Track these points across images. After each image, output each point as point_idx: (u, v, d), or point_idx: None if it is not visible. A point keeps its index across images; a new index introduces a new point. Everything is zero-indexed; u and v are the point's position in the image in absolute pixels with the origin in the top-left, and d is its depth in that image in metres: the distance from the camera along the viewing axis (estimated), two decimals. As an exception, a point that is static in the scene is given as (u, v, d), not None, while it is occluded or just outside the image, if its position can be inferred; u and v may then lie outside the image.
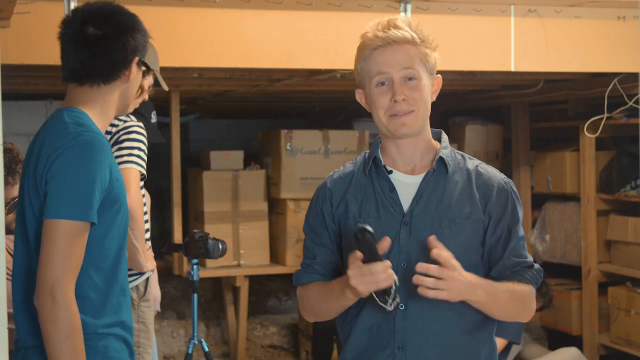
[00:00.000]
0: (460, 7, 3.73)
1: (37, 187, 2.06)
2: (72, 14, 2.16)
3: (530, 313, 2.08)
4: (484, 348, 2.05)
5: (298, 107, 7.31)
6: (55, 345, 1.98)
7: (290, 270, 5.62)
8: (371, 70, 2.03)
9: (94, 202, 2.02)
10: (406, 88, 2.00)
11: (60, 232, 1.99)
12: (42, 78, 4.48)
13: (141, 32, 2.22)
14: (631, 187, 5.02)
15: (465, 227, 2.01)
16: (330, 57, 3.69)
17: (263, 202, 5.60)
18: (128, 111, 2.92)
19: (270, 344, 6.14)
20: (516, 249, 2.04)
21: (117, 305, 2.14)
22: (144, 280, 3.17)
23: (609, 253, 5.28)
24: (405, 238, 2.00)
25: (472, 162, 2.10)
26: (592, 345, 5.21)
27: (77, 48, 2.13)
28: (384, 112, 2.02)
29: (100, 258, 2.10)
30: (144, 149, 3.08)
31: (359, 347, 2.05)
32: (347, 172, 2.13)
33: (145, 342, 3.14)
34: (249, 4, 3.50)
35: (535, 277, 2.04)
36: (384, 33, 2.02)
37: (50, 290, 1.97)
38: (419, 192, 2.02)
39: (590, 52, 4.04)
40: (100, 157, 2.05)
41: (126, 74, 2.18)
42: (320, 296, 2.07)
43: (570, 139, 5.66)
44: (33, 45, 3.28)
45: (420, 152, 2.07)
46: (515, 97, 5.58)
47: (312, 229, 2.13)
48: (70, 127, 2.07)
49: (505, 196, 2.04)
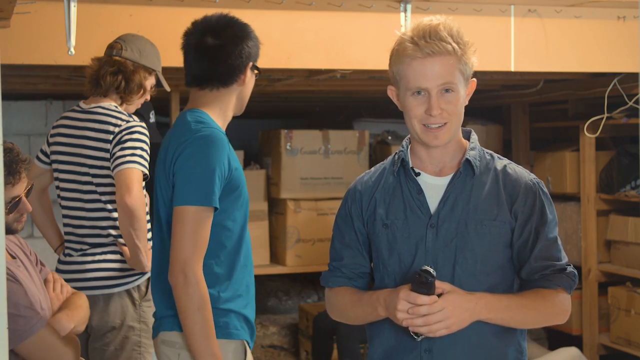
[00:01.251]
0: (460, 7, 3.72)
1: (167, 179, 2.35)
2: (192, 27, 2.45)
3: (559, 319, 2.03)
4: (511, 350, 2.03)
5: (298, 107, 7.31)
6: (188, 317, 2.27)
7: (290, 271, 5.62)
8: (408, 80, 1.98)
9: (215, 189, 2.29)
10: (442, 101, 1.97)
11: (188, 217, 2.27)
12: (42, 78, 4.47)
13: (253, 39, 2.47)
14: (631, 187, 5.02)
15: (491, 229, 1.99)
16: (330, 57, 3.69)
17: (263, 202, 5.60)
18: (233, 114, 2.94)
19: (270, 344, 6.14)
20: (545, 251, 2.00)
21: (240, 279, 2.42)
22: (145, 280, 3.18)
23: (609, 253, 5.28)
24: (431, 240, 1.99)
25: (501, 162, 2.07)
26: (592, 345, 5.21)
27: (198, 57, 2.42)
28: (418, 122, 1.99)
29: (224, 238, 2.38)
30: (147, 149, 3.08)
31: (386, 348, 2.05)
32: (377, 174, 2.13)
33: (147, 342, 3.15)
34: (249, 4, 3.50)
35: (567, 281, 2.00)
36: (424, 42, 1.95)
37: (182, 268, 2.25)
38: (446, 194, 2.01)
39: (590, 52, 4.04)
40: (218, 149, 2.33)
41: (242, 78, 2.45)
42: (350, 304, 2.08)
43: (570, 139, 5.66)
44: (33, 45, 3.28)
45: (449, 154, 2.06)
46: (515, 97, 5.58)
47: (340, 230, 2.14)
48: (192, 125, 2.36)
49: (533, 197, 2.01)
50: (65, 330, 2.48)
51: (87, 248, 3.15)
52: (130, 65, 3.17)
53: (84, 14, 3.24)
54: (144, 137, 3.09)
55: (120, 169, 3.00)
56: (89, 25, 3.28)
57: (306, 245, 5.57)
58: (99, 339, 3.11)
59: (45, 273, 2.64)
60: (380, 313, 1.97)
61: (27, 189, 2.47)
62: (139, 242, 3.01)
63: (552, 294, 1.99)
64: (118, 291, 3.11)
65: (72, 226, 3.18)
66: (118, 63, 3.16)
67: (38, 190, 3.26)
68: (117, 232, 3.12)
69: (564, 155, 5.45)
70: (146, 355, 3.15)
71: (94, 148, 3.11)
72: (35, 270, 2.56)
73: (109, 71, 3.15)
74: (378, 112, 6.52)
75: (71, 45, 3.21)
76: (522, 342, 2.07)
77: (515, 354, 2.04)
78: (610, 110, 4.80)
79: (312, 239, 5.58)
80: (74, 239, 3.18)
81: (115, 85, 3.16)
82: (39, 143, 5.36)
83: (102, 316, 3.09)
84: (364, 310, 2.03)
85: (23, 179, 2.43)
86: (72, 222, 3.18)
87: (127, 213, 2.95)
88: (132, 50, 3.19)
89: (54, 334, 2.41)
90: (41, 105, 5.71)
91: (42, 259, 2.66)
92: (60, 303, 2.58)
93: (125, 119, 3.11)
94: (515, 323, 2.00)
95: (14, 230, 2.49)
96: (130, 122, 3.10)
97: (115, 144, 3.05)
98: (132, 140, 3.05)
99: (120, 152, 3.02)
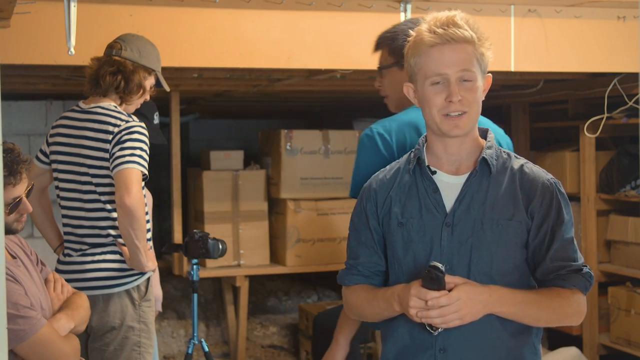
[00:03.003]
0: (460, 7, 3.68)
1: None
2: None
3: (574, 318, 2.02)
4: (526, 351, 2.02)
5: (298, 107, 7.31)
6: None
7: (290, 271, 5.62)
8: (427, 68, 1.99)
9: None
10: (462, 89, 1.97)
11: None
12: (42, 78, 4.47)
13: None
14: (631, 187, 5.02)
15: (507, 229, 1.98)
16: (330, 57, 3.69)
17: (263, 202, 5.60)
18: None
19: (270, 344, 6.14)
20: (561, 252, 1.99)
21: None
22: (145, 280, 3.17)
23: (609, 253, 5.28)
24: (447, 239, 1.99)
25: (518, 161, 2.06)
26: (592, 345, 5.21)
27: None
28: (438, 111, 1.99)
29: None
30: (146, 149, 3.08)
31: (401, 347, 2.05)
32: (392, 172, 2.12)
33: (147, 342, 3.14)
34: (249, 4, 3.50)
35: (582, 281, 1.99)
36: (442, 30, 1.97)
37: None
38: (462, 193, 2.01)
39: (590, 52, 4.03)
40: None
41: None
42: (366, 302, 2.08)
43: (570, 139, 5.66)
44: (33, 45, 3.28)
45: (466, 151, 2.05)
46: (515, 97, 5.58)
47: (356, 228, 2.13)
48: None
49: (549, 197, 2.00)
50: (65, 330, 2.48)
51: (87, 248, 3.15)
52: (129, 65, 3.17)
53: (84, 14, 3.24)
54: (143, 137, 3.08)
55: (120, 169, 2.99)
56: (89, 25, 3.28)
57: (306, 245, 5.57)
58: (98, 339, 3.10)
59: (46, 273, 2.64)
60: (396, 308, 1.98)
61: (27, 189, 2.47)
62: (138, 242, 3.01)
63: (567, 293, 1.98)
64: (117, 291, 3.11)
65: (72, 226, 3.18)
66: (118, 63, 3.16)
67: (38, 190, 3.25)
68: (116, 232, 3.11)
69: (564, 155, 5.45)
70: (146, 356, 3.14)
71: (94, 148, 3.11)
72: (36, 270, 2.56)
73: (109, 71, 3.15)
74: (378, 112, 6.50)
75: (71, 45, 3.21)
76: (537, 344, 2.06)
77: (530, 355, 2.03)
78: (610, 110, 4.80)
79: (312, 239, 5.58)
80: (73, 239, 3.18)
81: (114, 85, 3.16)
82: (39, 143, 5.36)
83: (101, 316, 3.09)
84: (380, 306, 2.03)
85: (24, 180, 2.43)
86: (72, 222, 3.18)
87: (126, 213, 2.95)
88: (131, 50, 3.19)
89: (54, 334, 2.41)
90: (41, 105, 5.71)
91: (42, 259, 2.66)
92: (61, 303, 2.59)
93: (124, 119, 3.11)
94: (529, 319, 1.98)
95: (14, 230, 2.49)
96: (130, 122, 3.10)
97: (115, 144, 3.05)
98: (132, 140, 3.05)
99: (120, 152, 3.02)
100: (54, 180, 3.27)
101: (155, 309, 3.37)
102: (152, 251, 3.17)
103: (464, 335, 1.96)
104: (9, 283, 2.29)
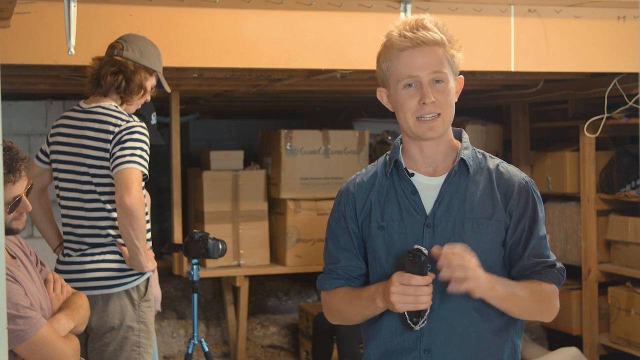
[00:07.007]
0: (460, 7, 3.72)
1: None
2: None
3: (552, 312, 2.06)
4: (506, 348, 2.05)
5: (298, 107, 7.31)
6: None
7: (290, 271, 5.63)
8: (399, 72, 2.00)
9: None
10: (434, 91, 1.98)
11: None
12: (42, 78, 4.47)
13: None
14: (631, 187, 5.02)
15: (487, 228, 2.00)
16: (330, 57, 3.69)
17: (263, 202, 5.60)
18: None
19: (270, 344, 6.14)
20: (537, 249, 2.03)
21: None
22: (144, 280, 3.17)
23: (609, 253, 5.28)
24: (428, 240, 2.00)
25: (493, 161, 2.09)
26: (592, 345, 5.21)
27: None
28: (412, 114, 2.00)
29: None
30: (146, 149, 3.08)
31: (383, 350, 2.05)
32: (369, 175, 2.12)
33: (146, 342, 3.14)
34: (249, 4, 3.50)
35: (557, 276, 2.03)
36: (412, 34, 1.98)
37: None
38: (441, 194, 2.02)
39: (590, 52, 4.03)
40: None
41: None
42: (348, 302, 2.07)
43: (570, 139, 5.66)
44: (33, 45, 3.28)
45: (442, 153, 2.06)
46: (515, 97, 5.58)
47: (334, 233, 2.13)
48: None
49: (526, 195, 2.04)
50: (65, 330, 2.48)
51: (86, 248, 3.15)
52: (131, 66, 3.17)
53: (84, 14, 3.24)
54: (144, 137, 3.08)
55: (120, 169, 2.99)
56: (89, 25, 3.28)
57: (306, 245, 5.57)
58: (98, 339, 3.10)
59: (46, 273, 2.64)
60: (379, 304, 1.97)
61: (27, 187, 2.47)
62: (138, 242, 3.01)
63: (544, 284, 2.02)
64: (117, 291, 3.11)
65: (72, 226, 3.18)
66: (119, 63, 3.16)
67: (37, 190, 3.25)
68: (116, 232, 3.12)
69: (564, 155, 5.45)
70: (145, 356, 3.14)
71: (94, 148, 3.11)
72: (36, 271, 2.56)
73: (110, 71, 3.15)
74: (378, 112, 6.52)
75: (71, 45, 3.21)
76: (516, 340, 2.09)
77: (510, 351, 2.06)
78: (610, 110, 4.80)
79: (312, 239, 5.58)
80: (73, 239, 3.18)
81: (115, 85, 3.16)
82: (39, 143, 5.37)
83: (101, 316, 3.09)
84: (363, 304, 2.02)
85: (23, 177, 2.43)
86: (72, 222, 3.18)
87: (126, 213, 2.95)
88: (133, 50, 3.19)
89: (54, 334, 2.41)
90: (41, 105, 5.71)
91: (41, 259, 2.66)
92: (61, 303, 2.58)
93: (125, 119, 3.11)
94: (517, 307, 2.00)
95: (14, 230, 2.48)
96: (130, 122, 3.10)
97: (115, 144, 3.05)
98: (132, 140, 3.05)
99: (120, 152, 3.02)
100: (54, 180, 3.27)
101: (155, 308, 3.37)
102: (151, 251, 3.17)
103: (447, 335, 1.98)
104: (8, 283, 2.29)
